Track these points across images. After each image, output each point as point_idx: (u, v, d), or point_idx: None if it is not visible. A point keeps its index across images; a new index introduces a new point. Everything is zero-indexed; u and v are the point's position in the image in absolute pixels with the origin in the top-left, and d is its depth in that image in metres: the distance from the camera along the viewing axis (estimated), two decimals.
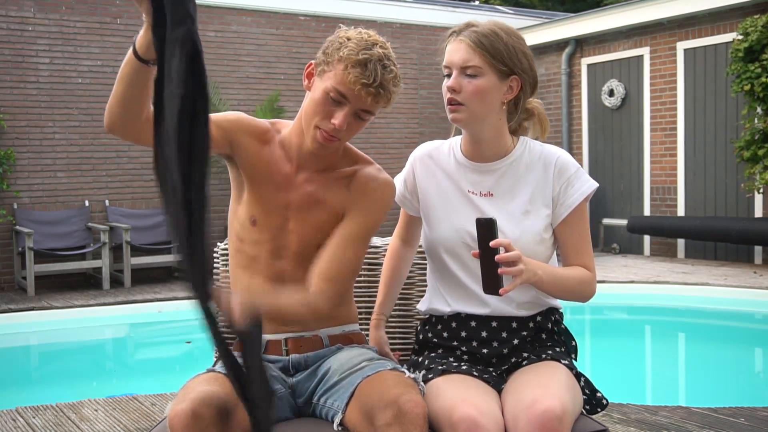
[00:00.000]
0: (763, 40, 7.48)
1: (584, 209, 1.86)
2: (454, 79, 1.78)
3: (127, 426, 3.45)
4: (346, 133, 1.74)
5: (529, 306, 1.86)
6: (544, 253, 1.84)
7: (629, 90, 9.79)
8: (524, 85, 1.81)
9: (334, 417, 1.69)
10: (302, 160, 1.83)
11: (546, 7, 19.44)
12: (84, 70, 8.23)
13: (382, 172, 1.87)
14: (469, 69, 1.76)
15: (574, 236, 1.85)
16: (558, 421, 1.54)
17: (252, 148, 1.82)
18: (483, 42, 1.76)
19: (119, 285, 7.76)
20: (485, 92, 1.76)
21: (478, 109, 1.77)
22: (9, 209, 7.80)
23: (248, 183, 1.83)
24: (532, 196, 1.83)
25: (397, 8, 10.17)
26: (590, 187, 1.84)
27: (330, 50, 1.72)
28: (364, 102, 1.70)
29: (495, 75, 1.77)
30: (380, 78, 1.68)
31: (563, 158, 1.86)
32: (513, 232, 1.80)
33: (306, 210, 1.82)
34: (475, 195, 1.86)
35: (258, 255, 1.83)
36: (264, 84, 9.20)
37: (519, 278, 1.63)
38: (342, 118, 1.71)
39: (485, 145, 1.85)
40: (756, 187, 7.73)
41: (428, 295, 1.97)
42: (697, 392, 4.95)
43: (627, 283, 7.37)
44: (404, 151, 10.11)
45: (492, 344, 1.84)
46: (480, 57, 1.76)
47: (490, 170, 1.86)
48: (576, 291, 1.82)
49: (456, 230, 1.84)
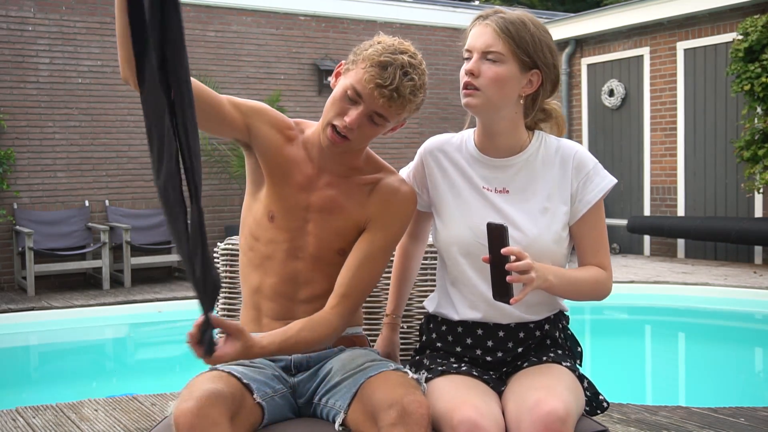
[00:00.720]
0: (763, 40, 7.48)
1: (602, 207, 1.81)
2: (474, 62, 1.72)
3: (127, 426, 3.45)
4: (358, 135, 1.72)
5: (539, 309, 1.82)
6: (560, 252, 1.79)
7: (629, 90, 9.79)
8: (545, 81, 1.76)
9: (335, 417, 1.68)
10: (323, 162, 1.82)
11: (546, 7, 19.44)
12: (84, 70, 8.23)
13: (405, 183, 1.84)
14: (491, 54, 1.71)
15: (591, 234, 1.80)
16: (561, 422, 1.53)
17: (275, 142, 1.81)
18: (509, 29, 1.70)
19: (119, 285, 7.76)
20: (504, 80, 1.70)
21: (494, 97, 1.72)
22: (9, 209, 7.80)
23: (268, 178, 1.82)
24: (550, 193, 1.78)
25: (397, 8, 10.17)
26: (609, 183, 1.79)
27: (359, 50, 1.74)
28: (377, 103, 1.69)
29: (517, 65, 1.71)
30: (397, 82, 1.67)
31: (581, 153, 1.80)
32: (531, 230, 1.75)
33: (327, 213, 1.80)
34: (490, 191, 1.80)
35: (273, 254, 1.81)
36: (264, 84, 9.20)
37: (529, 286, 1.59)
38: (355, 116, 1.70)
39: (500, 138, 1.79)
40: (756, 187, 7.73)
41: (437, 296, 1.92)
42: (697, 392, 4.95)
43: (627, 283, 7.37)
44: (404, 151, 10.11)
45: (497, 354, 1.81)
46: (504, 43, 1.70)
47: (504, 166, 1.80)
48: (590, 293, 1.78)
49: (471, 229, 1.78)
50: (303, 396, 1.80)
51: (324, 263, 1.80)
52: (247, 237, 1.86)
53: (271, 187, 1.82)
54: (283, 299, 1.80)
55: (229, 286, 2.16)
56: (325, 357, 1.83)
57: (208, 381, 1.61)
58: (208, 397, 1.52)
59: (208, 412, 1.49)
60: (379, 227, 1.79)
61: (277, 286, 1.81)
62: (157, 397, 3.89)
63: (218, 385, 1.58)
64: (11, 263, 7.89)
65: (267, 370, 1.76)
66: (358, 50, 1.74)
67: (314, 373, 1.81)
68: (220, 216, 9.03)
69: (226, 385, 1.60)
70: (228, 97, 1.78)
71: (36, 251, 7.39)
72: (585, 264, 1.82)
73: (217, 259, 2.20)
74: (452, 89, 10.45)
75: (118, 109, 8.40)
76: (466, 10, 10.92)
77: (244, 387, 1.65)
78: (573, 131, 10.49)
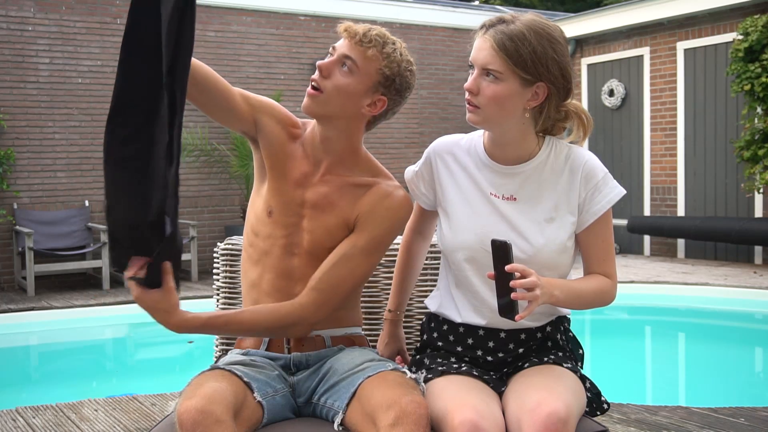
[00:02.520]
0: (763, 40, 7.48)
1: (610, 216, 1.78)
2: (474, 80, 1.69)
3: (127, 426, 3.45)
4: (328, 83, 1.74)
5: (540, 316, 1.82)
6: (566, 261, 1.77)
7: (629, 90, 9.79)
8: (551, 93, 1.70)
9: (334, 417, 1.68)
10: (318, 158, 1.84)
11: (546, 7, 19.44)
12: (84, 70, 8.23)
13: (400, 189, 1.83)
14: (489, 71, 1.66)
15: (598, 244, 1.78)
16: (562, 423, 1.53)
17: (279, 138, 1.83)
18: (507, 45, 1.64)
19: (119, 285, 7.75)
20: (503, 99, 1.66)
21: (494, 115, 1.69)
22: (9, 209, 7.80)
23: (269, 173, 1.84)
24: (558, 202, 1.75)
25: (397, 8, 10.17)
26: (618, 194, 1.75)
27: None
28: (345, 46, 1.74)
29: (517, 81, 1.66)
30: (365, 29, 1.73)
31: (591, 162, 1.77)
32: (537, 240, 1.73)
33: (320, 210, 1.82)
34: (498, 198, 1.77)
35: (270, 249, 1.83)
36: (264, 84, 9.20)
37: (534, 303, 1.56)
38: (326, 62, 1.75)
39: (508, 148, 1.77)
40: (756, 187, 7.73)
41: (440, 296, 1.91)
42: (697, 392, 4.95)
43: (627, 283, 7.37)
44: (404, 151, 10.11)
45: (498, 354, 1.81)
46: (502, 61, 1.65)
47: (513, 173, 1.77)
48: (594, 302, 1.77)
49: (477, 235, 1.75)
50: (302, 395, 1.80)
51: (318, 260, 1.80)
52: (249, 233, 1.88)
53: (270, 182, 1.84)
54: (280, 295, 1.81)
55: (229, 287, 2.16)
56: (325, 356, 1.83)
57: (211, 379, 1.61)
58: (212, 395, 1.52)
59: (212, 409, 1.49)
60: (364, 228, 1.79)
61: (274, 281, 1.82)
62: (157, 397, 3.89)
63: (221, 382, 1.59)
64: (11, 263, 7.89)
65: (268, 369, 1.77)
66: None
67: (314, 372, 1.81)
68: (220, 216, 9.02)
69: (229, 383, 1.61)
70: (240, 90, 1.82)
71: (36, 251, 7.39)
72: (591, 272, 1.81)
73: (217, 259, 2.20)
74: (452, 89, 10.45)
75: None
76: (466, 10, 10.92)
77: (245, 386, 1.65)
78: None
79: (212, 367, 1.74)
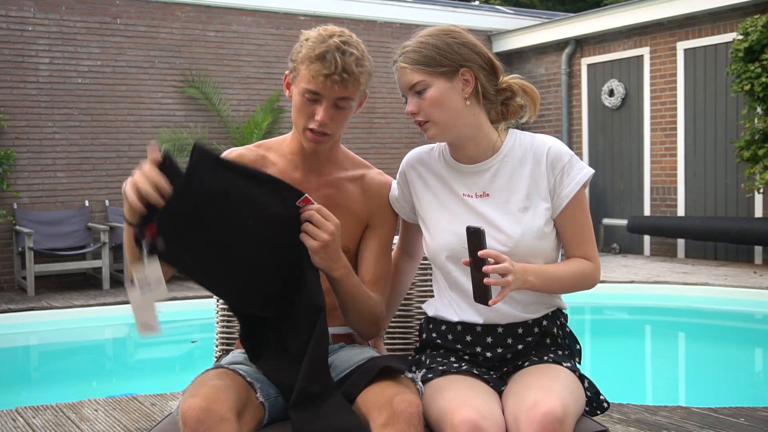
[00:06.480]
0: (763, 40, 7.48)
1: (582, 198, 1.81)
2: (410, 103, 1.78)
3: (127, 426, 3.45)
4: (333, 125, 1.77)
5: (535, 307, 1.83)
6: (547, 247, 1.80)
7: (629, 90, 9.79)
8: (477, 73, 1.77)
9: None
10: (308, 165, 1.87)
11: (546, 7, 19.44)
12: (84, 70, 8.23)
13: (384, 175, 1.97)
14: (415, 87, 1.76)
15: (574, 226, 1.81)
16: (559, 423, 1.53)
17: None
18: (413, 57, 1.76)
19: (119, 285, 7.75)
20: (440, 99, 1.75)
21: (443, 118, 1.76)
22: (9, 209, 7.80)
23: None
24: (529, 191, 1.79)
25: (397, 8, 10.17)
26: (586, 174, 1.79)
27: (294, 56, 1.79)
28: (335, 91, 1.73)
29: (441, 79, 1.75)
30: (341, 64, 1.70)
31: (555, 148, 1.80)
32: (515, 231, 1.76)
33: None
34: (471, 197, 1.82)
35: None
36: (264, 84, 9.20)
37: (507, 289, 1.62)
38: (323, 112, 1.74)
39: (468, 147, 1.82)
40: (756, 187, 7.73)
41: (436, 301, 1.94)
42: (697, 392, 4.95)
43: (627, 283, 7.38)
44: (404, 151, 10.04)
45: (497, 350, 1.82)
46: (418, 72, 1.75)
47: (482, 170, 1.83)
48: (574, 286, 1.80)
49: (457, 235, 1.78)
50: None
51: None
52: None
53: None
54: None
55: None
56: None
57: (214, 377, 1.62)
58: (215, 393, 1.52)
59: (216, 408, 1.49)
60: (382, 222, 1.92)
61: None
62: (157, 397, 3.89)
63: (225, 381, 1.59)
64: (11, 263, 7.89)
65: None
66: (293, 56, 1.80)
67: None
68: None
69: (233, 382, 1.61)
70: None
71: (36, 251, 7.39)
72: (570, 256, 1.84)
73: None
74: None
75: (118, 109, 8.41)
76: (466, 10, 10.92)
77: (248, 385, 1.66)
78: (573, 131, 10.50)
79: (215, 366, 1.75)
